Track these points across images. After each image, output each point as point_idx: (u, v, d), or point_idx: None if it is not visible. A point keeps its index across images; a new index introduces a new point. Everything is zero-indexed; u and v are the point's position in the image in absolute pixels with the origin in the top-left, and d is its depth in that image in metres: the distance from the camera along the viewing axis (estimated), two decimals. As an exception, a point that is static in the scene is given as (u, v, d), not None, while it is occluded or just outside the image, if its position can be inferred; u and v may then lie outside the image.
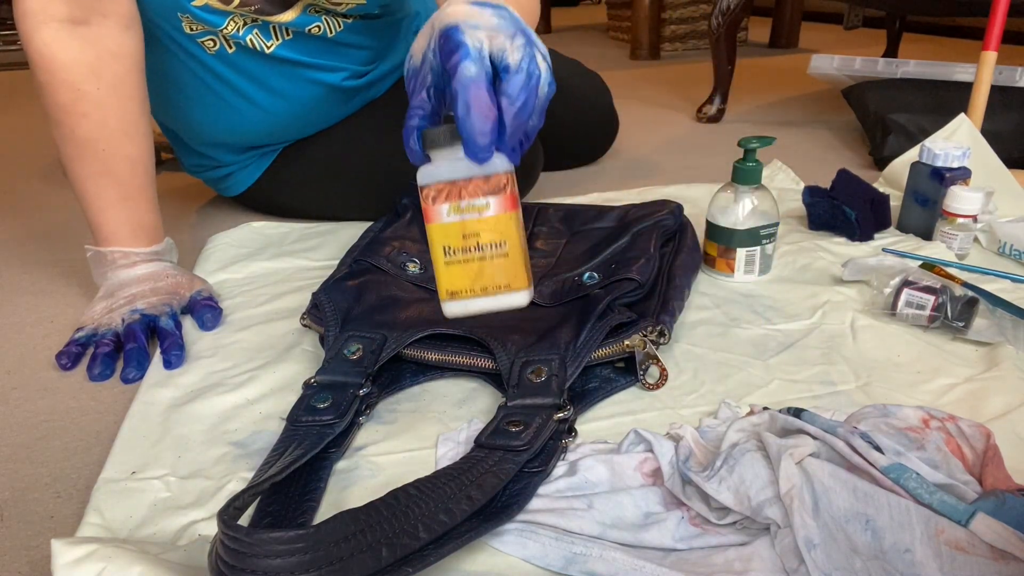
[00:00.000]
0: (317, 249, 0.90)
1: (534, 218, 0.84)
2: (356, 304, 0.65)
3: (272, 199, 1.02)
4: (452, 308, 0.47)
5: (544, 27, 2.99)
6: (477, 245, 0.44)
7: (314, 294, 0.66)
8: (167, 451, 0.54)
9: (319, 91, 0.91)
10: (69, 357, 0.66)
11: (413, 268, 0.73)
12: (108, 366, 0.65)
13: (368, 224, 0.93)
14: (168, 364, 0.64)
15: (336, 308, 0.64)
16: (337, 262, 0.83)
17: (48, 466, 0.54)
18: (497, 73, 0.47)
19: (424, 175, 0.45)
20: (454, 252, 0.45)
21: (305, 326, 0.67)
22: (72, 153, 0.71)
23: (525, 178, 1.02)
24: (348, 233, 0.93)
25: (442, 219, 0.44)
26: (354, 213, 0.99)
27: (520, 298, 0.46)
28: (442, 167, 0.44)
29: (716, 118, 1.51)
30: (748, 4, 1.47)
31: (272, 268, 0.85)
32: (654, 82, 1.96)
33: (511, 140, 0.47)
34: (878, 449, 0.44)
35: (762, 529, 0.43)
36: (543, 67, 0.49)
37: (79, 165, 0.71)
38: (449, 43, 0.47)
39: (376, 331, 0.61)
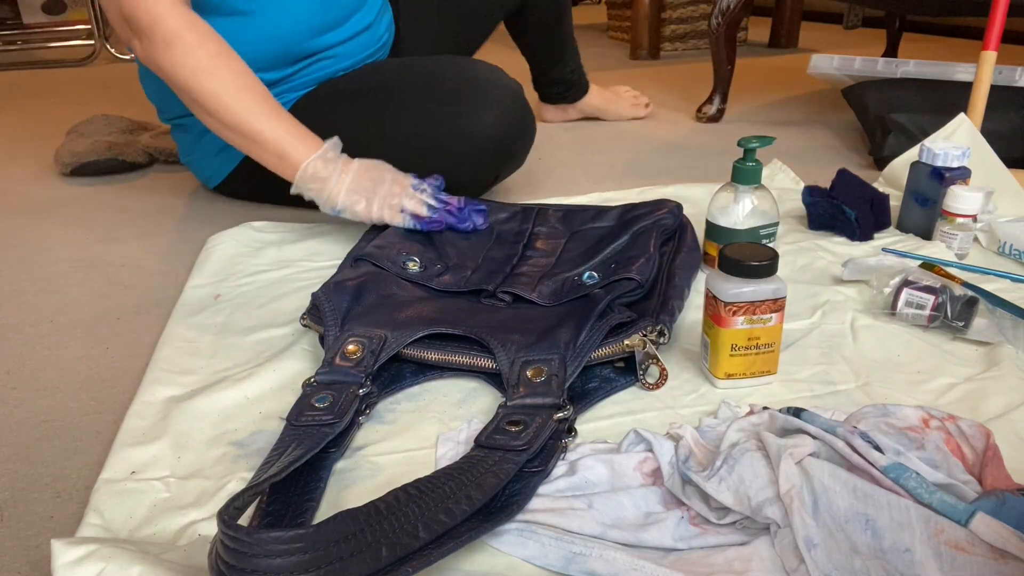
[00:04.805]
0: (317, 249, 0.90)
1: (534, 218, 0.84)
2: (356, 304, 0.65)
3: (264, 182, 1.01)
4: (725, 384, 0.60)
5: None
6: (756, 345, 0.58)
7: (314, 294, 0.66)
8: (167, 451, 0.54)
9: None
10: (437, 224, 0.81)
11: (413, 267, 0.73)
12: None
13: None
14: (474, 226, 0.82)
15: (336, 308, 0.64)
16: (337, 262, 0.84)
17: (48, 466, 0.54)
18: None
19: (730, 295, 0.57)
20: (738, 349, 0.58)
21: (305, 326, 0.67)
22: (248, 105, 0.80)
23: (511, 159, 1.02)
24: (348, 233, 0.93)
25: (736, 326, 0.57)
26: None
27: (772, 378, 0.61)
28: (745, 291, 0.56)
29: (716, 118, 1.51)
30: (748, 4, 1.47)
31: (272, 268, 0.85)
32: (654, 82, 1.96)
33: None
34: (878, 449, 0.44)
35: (762, 529, 0.43)
36: None
37: (258, 110, 0.81)
38: None
39: (376, 331, 0.61)
